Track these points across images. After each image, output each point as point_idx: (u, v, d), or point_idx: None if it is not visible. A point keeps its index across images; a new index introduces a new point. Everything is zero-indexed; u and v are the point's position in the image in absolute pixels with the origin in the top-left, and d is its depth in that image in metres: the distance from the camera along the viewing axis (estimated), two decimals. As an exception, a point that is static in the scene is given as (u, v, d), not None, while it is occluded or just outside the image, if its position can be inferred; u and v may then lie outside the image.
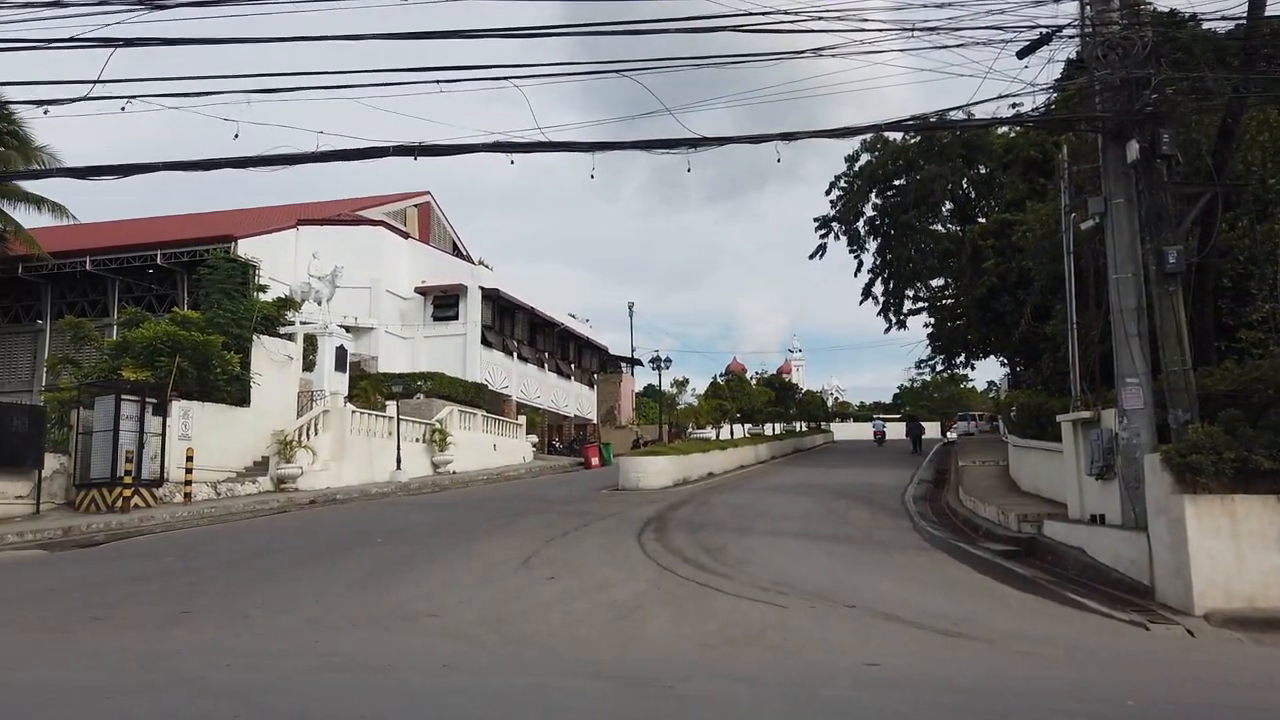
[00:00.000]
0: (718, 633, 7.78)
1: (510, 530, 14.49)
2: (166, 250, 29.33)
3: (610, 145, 11.68)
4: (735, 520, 15.49)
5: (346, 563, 11.58)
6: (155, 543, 14.55)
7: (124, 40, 10.44)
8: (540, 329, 43.80)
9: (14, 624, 8.48)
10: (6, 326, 31.85)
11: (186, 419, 20.04)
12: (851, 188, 34.26)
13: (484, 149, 11.62)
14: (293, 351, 24.66)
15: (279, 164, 11.37)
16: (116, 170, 10.85)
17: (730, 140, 11.16)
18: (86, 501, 17.63)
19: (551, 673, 6.48)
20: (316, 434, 23.04)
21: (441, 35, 10.81)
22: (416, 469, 26.66)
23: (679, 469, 24.33)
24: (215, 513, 17.93)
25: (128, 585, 10.41)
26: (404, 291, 37.42)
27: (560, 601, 9.06)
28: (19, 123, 26.04)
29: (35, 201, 28.93)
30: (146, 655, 7.12)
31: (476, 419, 31.90)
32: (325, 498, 20.94)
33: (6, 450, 16.76)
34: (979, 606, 8.94)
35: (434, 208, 43.91)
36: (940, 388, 74.30)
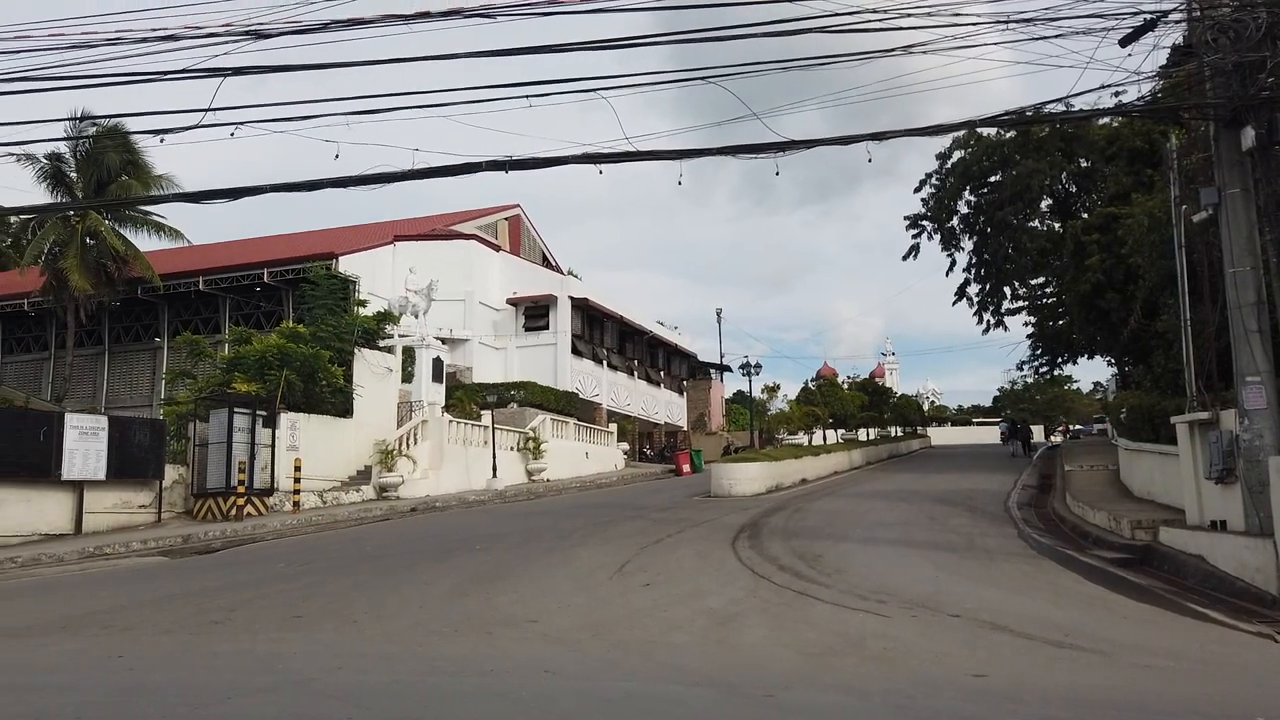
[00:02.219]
0: (817, 641, 7.67)
1: (604, 537, 14.60)
2: (272, 268, 30.61)
3: (698, 152, 11.70)
4: (831, 527, 15.27)
5: (448, 569, 11.86)
6: (268, 550, 15.17)
7: (232, 69, 10.97)
8: (629, 337, 44.06)
9: (144, 627, 8.98)
10: (128, 345, 33.72)
11: (294, 430, 20.85)
12: (943, 185, 33.43)
13: (573, 161, 11.77)
14: (392, 364, 25.42)
15: (377, 182, 11.76)
16: (227, 193, 11.38)
17: (819, 142, 11.04)
18: (203, 510, 18.50)
19: (651, 679, 6.50)
20: (416, 443, 23.67)
21: (531, 51, 11.02)
22: (511, 477, 27.12)
23: (771, 475, 24.12)
24: (322, 520, 18.59)
25: (244, 590, 10.89)
26: (496, 303, 38.16)
27: (656, 608, 9.09)
28: (138, 152, 27.65)
29: (154, 226, 30.67)
30: (263, 657, 7.43)
31: (568, 427, 32.26)
32: (425, 505, 21.49)
33: (130, 462, 17.73)
34: (1091, 616, 8.59)
35: (524, 220, 44.69)
36: (1043, 390, 71.72)
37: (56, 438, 16.70)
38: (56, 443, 16.65)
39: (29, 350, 35.31)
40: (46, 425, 16.93)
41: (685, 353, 51.31)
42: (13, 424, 16.78)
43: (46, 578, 13.34)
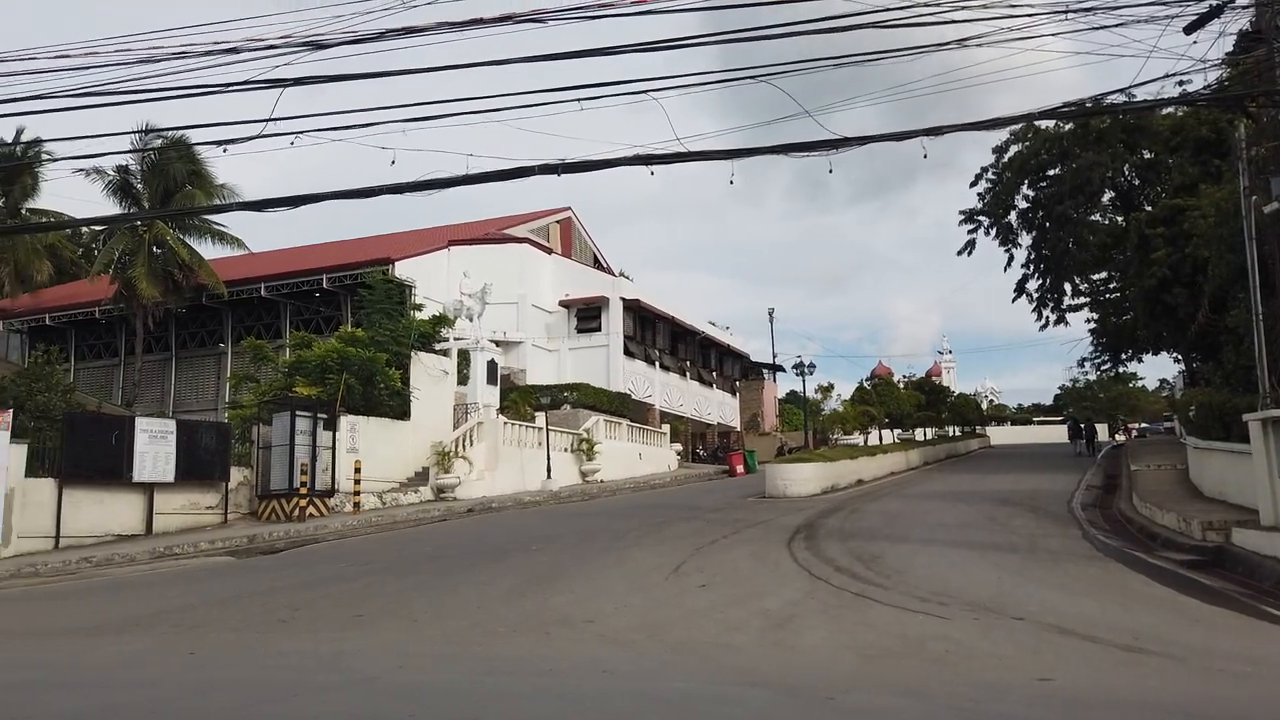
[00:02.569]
0: (876, 643, 7.58)
1: (659, 538, 14.61)
2: (331, 274, 31.22)
3: (749, 151, 11.65)
4: (889, 528, 15.08)
5: (505, 569, 11.97)
6: (329, 550, 15.47)
7: (292, 80, 11.22)
8: (681, 338, 44.02)
9: (213, 625, 9.23)
10: (194, 350, 34.69)
11: (354, 432, 21.24)
12: (1000, 180, 32.80)
13: (624, 163, 11.81)
14: (448, 366, 25.76)
15: (432, 188, 11.93)
16: (288, 201, 11.64)
17: (873, 139, 10.92)
18: (267, 511, 18.95)
19: (709, 680, 6.48)
20: (471, 445, 23.95)
21: (582, 54, 11.07)
22: (565, 478, 27.29)
23: (827, 476, 23.90)
24: (382, 521, 18.91)
25: (308, 590, 11.12)
26: (548, 305, 38.43)
27: (713, 609, 9.06)
28: (201, 163, 28.44)
29: (217, 235, 31.52)
30: (326, 656, 7.58)
31: (621, 428, 32.35)
32: (481, 506, 21.72)
33: (198, 465, 18.24)
34: (1162, 620, 8.35)
35: (575, 222, 44.95)
36: (1106, 387, 69.90)
37: (128, 441, 17.24)
38: (128, 446, 17.19)
39: (100, 357, 36.53)
40: (118, 429, 17.49)
41: (737, 353, 51.11)
42: (87, 429, 17.37)
43: (120, 577, 13.78)
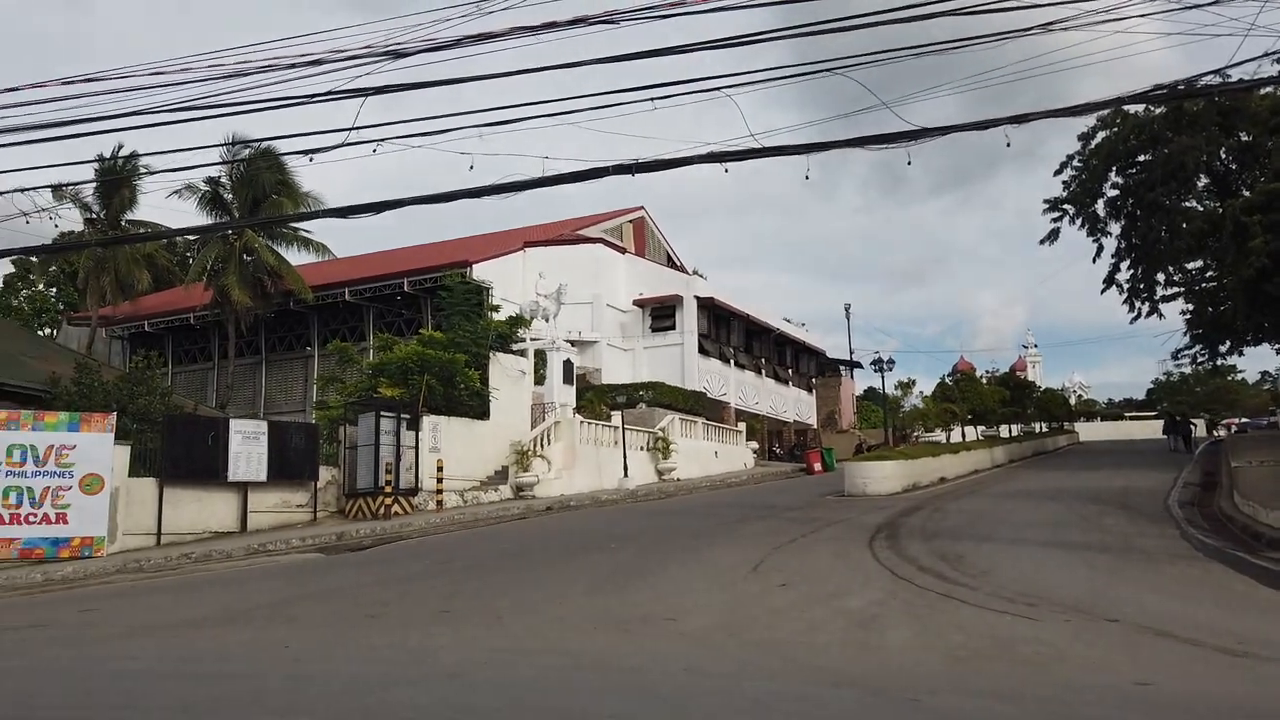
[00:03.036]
0: (963, 644, 7.42)
1: (737, 536, 14.55)
2: (411, 278, 31.95)
3: (825, 145, 11.50)
4: (974, 527, 14.73)
5: (585, 566, 12.09)
6: (414, 547, 15.84)
7: (373, 89, 11.51)
8: (756, 335, 43.74)
9: (306, 620, 9.55)
10: (282, 353, 35.89)
11: (435, 432, 21.70)
12: (1086, 167, 31.69)
13: (698, 161, 11.79)
14: (525, 366, 26.11)
15: (509, 191, 12.10)
16: (371, 207, 11.95)
17: (954, 129, 10.68)
18: (354, 509, 19.49)
19: (792, 679, 6.44)
20: (549, 444, 24.23)
21: (654, 54, 11.10)
22: (642, 476, 27.39)
23: (908, 474, 23.47)
24: (464, 519, 19.27)
25: (395, 586, 11.41)
26: (623, 305, 38.60)
27: (794, 608, 8.99)
28: (288, 172, 29.40)
29: (302, 242, 32.56)
30: (415, 650, 7.77)
31: (697, 426, 32.31)
32: (560, 504, 21.96)
33: (288, 464, 18.87)
34: (1268, 623, 7.98)
35: (648, 221, 45.05)
36: (1203, 381, 66.97)
37: (223, 442, 17.95)
38: (223, 447, 17.89)
39: (195, 361, 38.09)
40: (214, 431, 18.22)
41: (814, 350, 50.53)
42: (185, 430, 18.14)
43: (218, 572, 14.36)
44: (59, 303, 45.50)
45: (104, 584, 13.75)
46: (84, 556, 15.29)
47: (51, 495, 15.41)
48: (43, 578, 14.06)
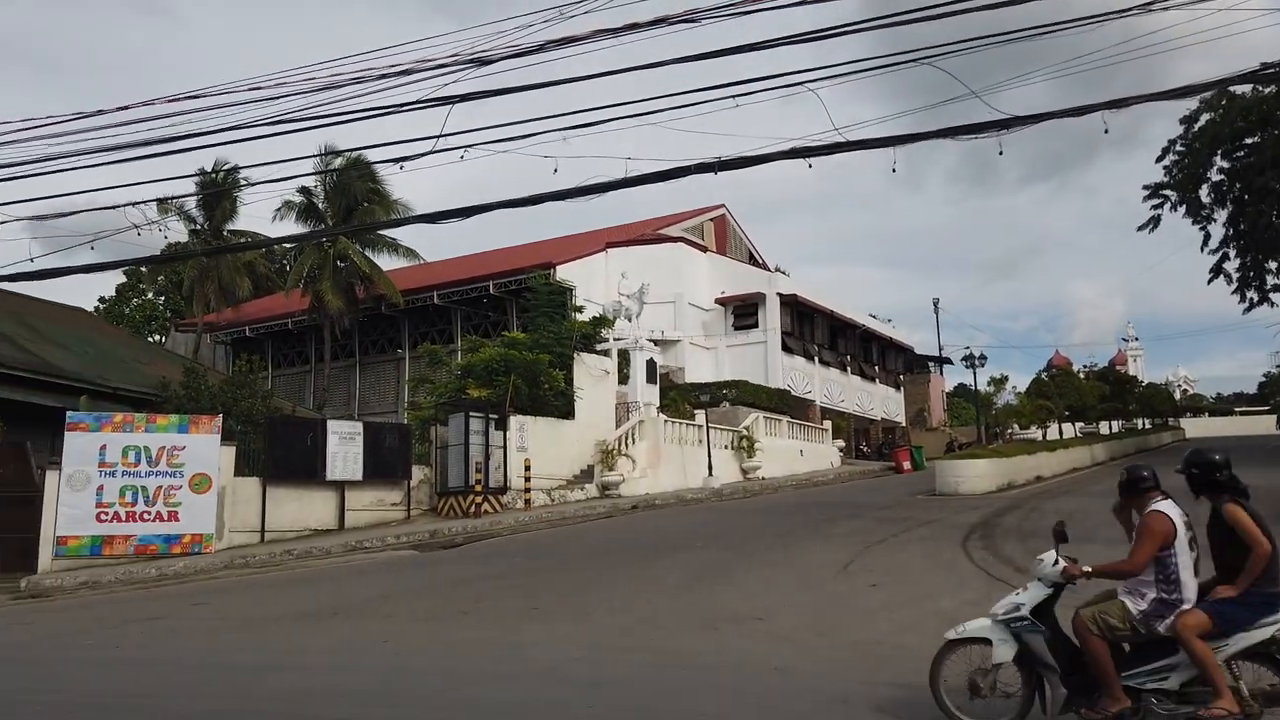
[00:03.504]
0: (1064, 648, 7.20)
1: (825, 536, 14.39)
2: (497, 280, 32.50)
3: (911, 137, 11.27)
4: (1073, 528, 14.13)
5: (672, 565, 12.12)
6: (503, 545, 16.14)
7: (459, 96, 11.76)
8: (841, 332, 43.11)
9: (402, 615, 9.84)
10: (375, 356, 36.96)
11: (522, 432, 22.03)
12: (1189, 151, 30.24)
13: (780, 157, 11.68)
14: (608, 366, 26.29)
15: (592, 193, 12.20)
16: (460, 213, 12.20)
17: (1047, 116, 10.33)
18: (446, 507, 19.94)
19: (884, 681, 6.35)
20: (634, 443, 24.36)
21: (735, 51, 11.05)
22: (726, 475, 27.29)
23: (1002, 472, 22.81)
24: (551, 517, 19.53)
25: (486, 582, 11.65)
26: (705, 303, 38.52)
27: (885, 609, 8.86)
28: (379, 180, 30.26)
29: (392, 248, 33.47)
30: (506, 646, 7.93)
31: (781, 425, 32.03)
32: (645, 503, 22.05)
33: (382, 464, 19.42)
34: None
35: (729, 219, 44.85)
36: (1321, 373, 63.21)
37: (321, 443, 18.57)
38: (321, 447, 18.52)
39: (293, 364, 39.53)
40: (312, 432, 18.87)
41: (901, 346, 49.54)
42: (285, 431, 18.84)
43: (318, 568, 14.89)
44: (167, 310, 47.78)
45: (213, 579, 14.41)
46: (194, 553, 16.02)
47: (164, 494, 16.19)
48: (157, 573, 14.80)
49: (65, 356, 22.15)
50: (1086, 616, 5.19)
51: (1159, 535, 5.12)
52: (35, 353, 21.24)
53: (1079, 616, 5.23)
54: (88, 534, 15.51)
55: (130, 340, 32.12)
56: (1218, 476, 5.29)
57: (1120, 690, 4.99)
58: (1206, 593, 5.14)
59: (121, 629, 10.23)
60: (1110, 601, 5.27)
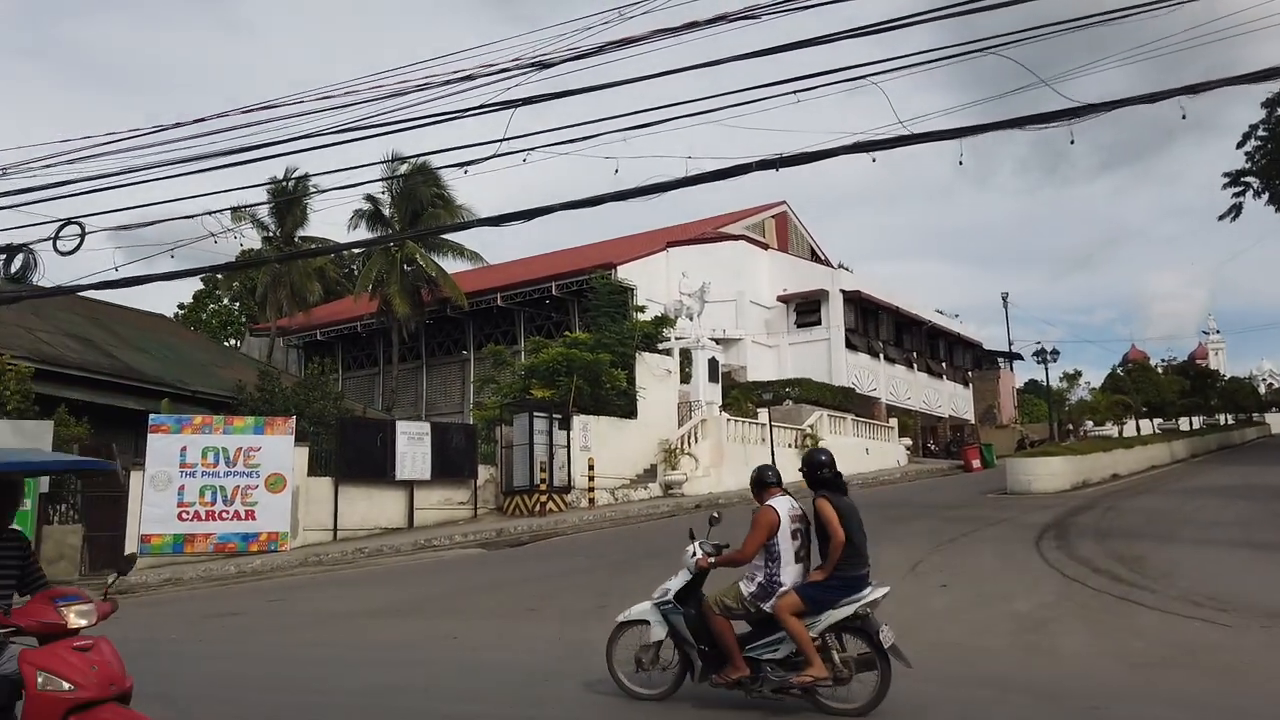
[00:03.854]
0: (1145, 651, 6.99)
1: (892, 535, 14.15)
2: (558, 281, 32.77)
3: (978, 129, 11.02)
4: (1152, 527, 13.80)
5: (736, 565, 12.07)
6: (568, 543, 16.26)
7: (521, 100, 11.87)
8: (906, 328, 42.41)
9: (472, 611, 10.00)
10: (441, 358, 37.57)
11: (586, 431, 22.18)
12: (1272, 136, 29.02)
13: (843, 152, 11.52)
14: (670, 365, 26.31)
15: (653, 192, 12.21)
16: (523, 215, 12.32)
17: (1121, 103, 10.02)
18: (511, 506, 20.19)
19: (959, 683, 6.24)
20: (696, 442, 24.33)
21: (795, 46, 10.95)
22: (790, 474, 27.08)
23: (1076, 470, 22.18)
24: (615, 516, 19.62)
25: (552, 580, 11.76)
26: (766, 301, 38.27)
27: (957, 610, 8.70)
28: (444, 185, 30.75)
29: (457, 251, 33.96)
30: (573, 643, 7.99)
31: (846, 423, 31.65)
32: (709, 502, 22.00)
33: (449, 464, 19.73)
34: None
35: (790, 216, 44.48)
36: None
37: (390, 443, 18.96)
38: (390, 448, 18.91)
39: (363, 366, 40.40)
40: (382, 432, 19.27)
41: (969, 342, 48.50)
42: (356, 432, 19.28)
43: (389, 566, 15.20)
44: (242, 316, 49.23)
45: (289, 576, 14.81)
46: (270, 550, 16.50)
47: (241, 494, 16.71)
48: (235, 570, 15.29)
49: (147, 361, 22.99)
50: (712, 599, 5.91)
51: (765, 526, 5.81)
52: (120, 358, 22.09)
53: (705, 600, 5.95)
54: (170, 532, 16.09)
55: (208, 345, 33.22)
56: (821, 474, 6.06)
57: (741, 661, 5.69)
58: None
59: (202, 625, 10.59)
60: (731, 585, 5.95)
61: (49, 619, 4.01)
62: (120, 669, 4.05)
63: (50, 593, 4.20)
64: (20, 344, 19.08)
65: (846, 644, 5.69)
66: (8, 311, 18.85)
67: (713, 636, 5.82)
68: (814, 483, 6.07)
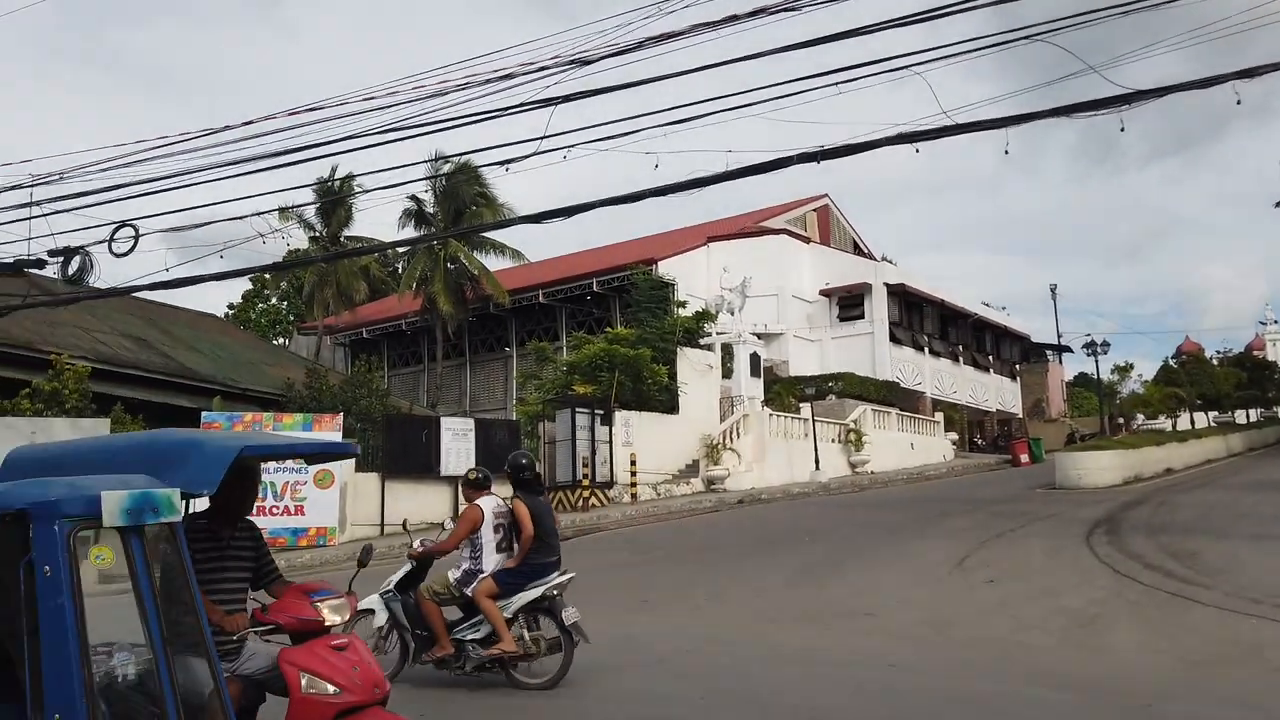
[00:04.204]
0: (1199, 648, 6.84)
1: (938, 530, 14.01)
2: (599, 277, 32.84)
3: (1025, 117, 10.80)
4: (1207, 522, 13.47)
5: (780, 559, 12.04)
6: (612, 538, 16.32)
7: (561, 98, 11.91)
8: (951, 321, 41.81)
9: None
10: (484, 355, 37.91)
11: (628, 427, 22.23)
12: (1336, 119, 28.12)
13: (886, 143, 11.37)
14: (712, 361, 26.26)
15: (694, 187, 12.16)
16: (563, 212, 12.36)
17: (1171, 89, 9.75)
18: (554, 502, 20.31)
19: (1006, 680, 6.16)
20: (738, 437, 24.26)
21: (836, 37, 10.85)
22: (834, 469, 26.90)
23: (1128, 464, 21.74)
24: (657, 512, 19.64)
25: (597, 575, 11.77)
26: (808, 295, 37.98)
27: (1004, 606, 8.58)
28: (486, 184, 30.99)
29: (499, 249, 34.23)
30: (619, 638, 8.02)
31: (890, 417, 31.33)
32: (751, 497, 21.94)
33: (494, 459, 19.86)
34: None
35: (832, 209, 44.08)
36: None
37: (435, 439, 19.18)
38: (435, 443, 19.13)
39: (408, 364, 40.90)
40: (427, 429, 19.50)
41: (1016, 334, 47.68)
42: (402, 429, 19.54)
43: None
44: (289, 314, 50.11)
45: (337, 570, 15.03)
46: (319, 545, 16.78)
47: (290, 489, 17.02)
48: (285, 564, 15.49)
49: (199, 360, 23.50)
50: (424, 587, 6.57)
51: (469, 522, 6.60)
52: (173, 357, 22.61)
53: (418, 588, 6.58)
54: (223, 527, 16.46)
55: (257, 343, 33.86)
56: (522, 476, 6.90)
57: (448, 641, 6.37)
58: None
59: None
60: (441, 574, 6.62)
61: (306, 615, 3.77)
62: (379, 670, 3.84)
63: (302, 586, 3.98)
64: (78, 344, 19.61)
65: (542, 626, 6.48)
66: (66, 313, 19.40)
67: (424, 620, 6.50)
68: (516, 484, 6.86)
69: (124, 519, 2.71)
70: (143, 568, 2.75)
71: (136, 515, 2.75)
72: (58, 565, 2.61)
